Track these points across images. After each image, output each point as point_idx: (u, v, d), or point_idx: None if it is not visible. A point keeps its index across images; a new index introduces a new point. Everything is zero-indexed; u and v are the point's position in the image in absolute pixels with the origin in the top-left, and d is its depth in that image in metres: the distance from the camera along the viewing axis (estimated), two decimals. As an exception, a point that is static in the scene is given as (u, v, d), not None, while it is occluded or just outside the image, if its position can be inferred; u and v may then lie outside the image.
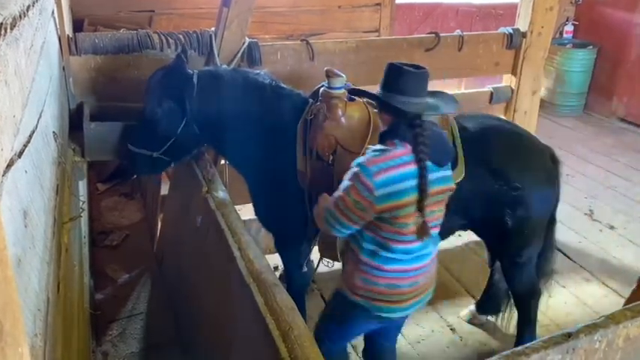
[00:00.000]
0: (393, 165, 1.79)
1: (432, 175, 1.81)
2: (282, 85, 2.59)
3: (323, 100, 2.49)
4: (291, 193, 2.47)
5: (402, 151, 1.81)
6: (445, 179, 1.92)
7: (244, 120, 2.48)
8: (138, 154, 2.56)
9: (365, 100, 2.45)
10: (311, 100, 2.53)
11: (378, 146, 1.87)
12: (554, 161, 2.63)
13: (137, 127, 2.58)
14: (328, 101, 2.46)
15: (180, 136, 2.48)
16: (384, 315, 1.99)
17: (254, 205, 2.72)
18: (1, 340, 0.62)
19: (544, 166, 2.57)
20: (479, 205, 2.49)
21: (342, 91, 2.48)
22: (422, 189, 1.78)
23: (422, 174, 1.78)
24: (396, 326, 2.28)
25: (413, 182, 1.79)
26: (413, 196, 1.79)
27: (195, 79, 2.44)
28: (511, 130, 2.69)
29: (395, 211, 1.80)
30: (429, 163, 1.80)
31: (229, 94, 2.47)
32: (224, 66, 2.86)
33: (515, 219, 2.47)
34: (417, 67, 1.87)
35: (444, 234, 2.67)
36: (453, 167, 2.44)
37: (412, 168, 1.80)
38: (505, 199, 2.45)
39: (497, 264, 2.87)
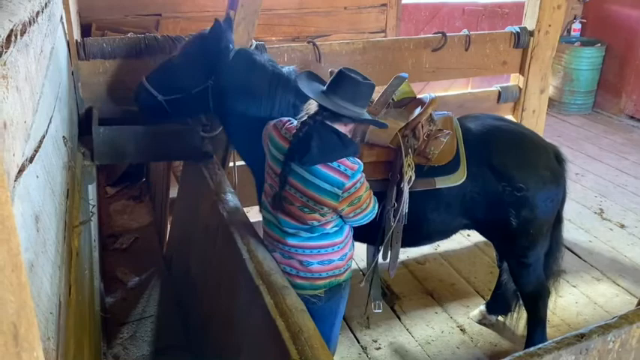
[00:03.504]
0: None
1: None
2: None
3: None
4: None
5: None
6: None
7: (259, 109, 2.41)
8: (145, 92, 2.54)
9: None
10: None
11: None
12: (560, 160, 2.60)
13: (159, 69, 2.59)
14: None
15: (192, 96, 2.48)
16: None
17: (258, 197, 2.70)
18: (17, 345, 0.62)
19: (548, 166, 2.54)
20: (483, 206, 2.48)
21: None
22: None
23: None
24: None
25: None
26: None
27: (232, 55, 2.44)
28: (514, 131, 2.66)
29: None
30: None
31: (254, 81, 2.42)
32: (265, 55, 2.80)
33: (519, 219, 2.45)
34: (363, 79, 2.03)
35: (448, 233, 2.67)
36: (455, 169, 2.42)
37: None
38: (509, 200, 2.43)
39: (505, 264, 2.86)
